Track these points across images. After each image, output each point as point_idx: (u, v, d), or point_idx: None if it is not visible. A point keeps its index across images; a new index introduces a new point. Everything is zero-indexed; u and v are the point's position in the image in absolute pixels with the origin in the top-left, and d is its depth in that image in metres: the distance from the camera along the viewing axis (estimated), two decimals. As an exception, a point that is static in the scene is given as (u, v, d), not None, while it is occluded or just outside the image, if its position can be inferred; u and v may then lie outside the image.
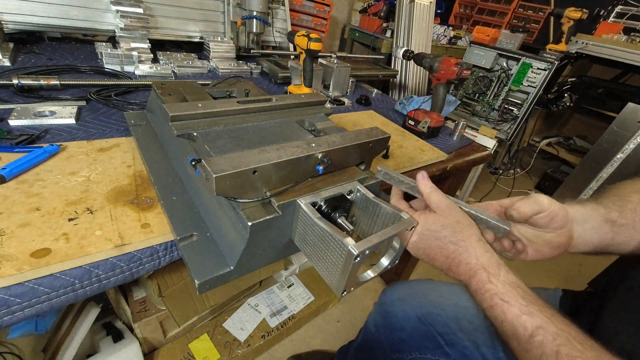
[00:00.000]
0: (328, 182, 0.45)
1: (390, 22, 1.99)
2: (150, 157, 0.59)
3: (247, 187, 0.38)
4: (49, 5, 0.99)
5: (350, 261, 0.34)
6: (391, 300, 0.71)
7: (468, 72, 0.89)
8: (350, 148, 0.47)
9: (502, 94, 1.70)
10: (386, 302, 0.72)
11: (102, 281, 0.41)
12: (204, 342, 1.01)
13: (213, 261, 0.42)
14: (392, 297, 0.72)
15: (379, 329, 0.72)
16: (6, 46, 0.94)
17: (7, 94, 0.74)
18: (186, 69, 1.10)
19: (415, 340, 0.65)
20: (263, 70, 1.27)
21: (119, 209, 0.47)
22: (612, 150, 1.67)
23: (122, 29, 1.01)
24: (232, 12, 1.29)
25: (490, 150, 1.03)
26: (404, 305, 0.68)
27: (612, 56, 1.87)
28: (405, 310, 0.67)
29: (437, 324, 0.63)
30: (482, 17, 2.71)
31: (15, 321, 0.36)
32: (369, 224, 0.46)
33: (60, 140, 0.61)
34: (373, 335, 0.73)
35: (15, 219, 0.42)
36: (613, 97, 2.13)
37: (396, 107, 1.18)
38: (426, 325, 0.64)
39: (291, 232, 0.44)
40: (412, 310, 0.67)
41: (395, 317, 0.68)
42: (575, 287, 0.63)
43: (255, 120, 0.56)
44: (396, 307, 0.69)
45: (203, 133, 0.49)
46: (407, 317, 0.67)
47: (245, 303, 1.14)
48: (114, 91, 0.84)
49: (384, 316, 0.71)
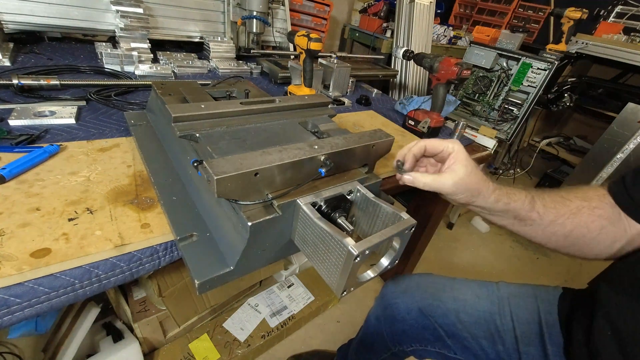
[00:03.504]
0: (328, 182, 0.45)
1: (390, 22, 1.99)
2: (150, 157, 0.59)
3: (248, 189, 0.38)
4: (49, 5, 0.99)
5: (350, 261, 0.34)
6: (393, 292, 0.72)
7: (468, 72, 0.89)
8: (354, 150, 0.47)
9: (502, 94, 1.70)
10: (388, 295, 0.72)
11: (102, 281, 0.41)
12: (204, 342, 1.01)
13: (213, 261, 0.42)
14: (394, 290, 0.72)
15: (380, 321, 0.73)
16: (6, 46, 0.94)
17: (7, 94, 0.74)
18: (186, 69, 1.10)
19: (416, 331, 0.66)
20: (263, 70, 1.27)
21: (119, 209, 0.47)
22: (612, 150, 1.67)
23: (122, 29, 1.01)
24: (232, 12, 1.29)
25: (490, 150, 1.03)
26: (405, 297, 0.69)
27: (612, 56, 1.87)
28: (406, 302, 0.68)
29: (437, 315, 0.64)
30: (482, 17, 2.71)
31: (15, 321, 0.36)
32: (369, 224, 0.46)
33: (60, 140, 0.61)
34: (374, 328, 0.74)
35: (15, 219, 0.42)
36: (613, 97, 2.12)
37: (396, 107, 1.18)
38: (427, 317, 0.64)
39: (291, 232, 0.44)
40: (413, 302, 0.67)
41: (397, 308, 0.69)
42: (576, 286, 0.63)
43: (258, 122, 0.56)
44: (398, 299, 0.69)
45: (205, 134, 0.49)
46: (408, 309, 0.67)
47: (245, 303, 1.14)
48: (114, 91, 0.84)
49: (386, 307, 0.71)
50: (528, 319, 0.59)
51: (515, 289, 0.64)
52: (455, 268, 1.64)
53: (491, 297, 0.64)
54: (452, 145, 0.45)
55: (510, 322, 0.60)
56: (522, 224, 0.49)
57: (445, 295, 0.65)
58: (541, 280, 1.62)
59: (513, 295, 0.63)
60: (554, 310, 0.58)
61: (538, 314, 0.59)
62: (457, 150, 0.45)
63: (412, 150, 0.48)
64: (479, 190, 0.45)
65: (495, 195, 0.46)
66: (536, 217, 0.48)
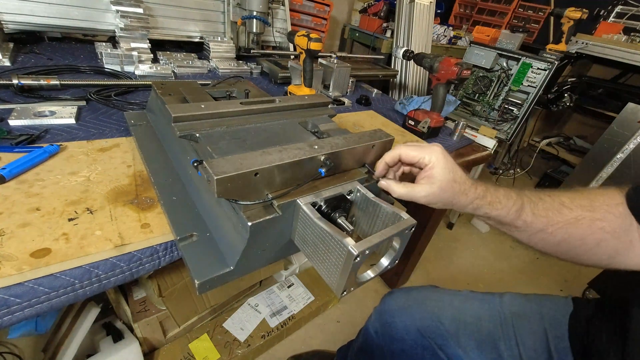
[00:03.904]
0: (328, 182, 0.45)
1: (390, 22, 1.99)
2: (150, 157, 0.59)
3: (248, 189, 0.38)
4: (49, 5, 0.99)
5: (350, 261, 0.34)
6: (390, 310, 0.70)
7: (468, 72, 0.89)
8: (354, 150, 0.47)
9: (502, 94, 1.70)
10: (386, 312, 0.71)
11: (102, 281, 0.41)
12: (204, 342, 1.01)
13: (213, 261, 0.42)
14: (392, 307, 0.70)
15: (379, 336, 0.72)
16: (6, 46, 0.94)
17: (7, 94, 0.74)
18: (186, 69, 1.10)
19: (415, 351, 0.64)
20: (263, 70, 1.27)
21: (119, 209, 0.47)
22: (612, 150, 1.67)
23: (122, 29, 1.01)
24: (232, 12, 1.29)
25: (490, 150, 1.03)
26: (403, 316, 0.68)
27: (612, 56, 1.87)
28: (405, 322, 0.67)
29: (437, 337, 0.62)
30: (482, 17, 2.71)
31: (15, 321, 0.36)
32: (369, 224, 0.46)
33: (60, 140, 0.61)
34: (374, 341, 0.73)
35: (15, 219, 0.42)
36: (613, 97, 2.13)
37: (396, 107, 1.18)
38: (426, 338, 0.63)
39: (291, 232, 0.44)
40: (412, 322, 0.66)
41: (395, 328, 0.67)
42: (575, 287, 0.63)
43: (258, 122, 0.56)
44: (396, 318, 0.68)
45: (205, 134, 0.49)
46: (407, 329, 0.66)
47: (245, 303, 1.14)
48: (114, 91, 0.84)
49: (384, 325, 0.70)
50: (535, 346, 0.57)
51: (519, 306, 0.62)
52: (455, 268, 1.64)
53: (493, 317, 0.62)
54: (428, 157, 0.43)
55: (516, 348, 0.57)
56: (505, 228, 0.48)
57: (445, 315, 0.64)
58: (541, 280, 1.62)
59: (517, 316, 0.61)
60: (564, 334, 0.56)
61: (546, 340, 0.57)
62: (433, 162, 0.43)
63: (385, 158, 0.47)
64: (452, 203, 0.44)
65: (474, 205, 0.45)
66: (521, 224, 0.46)
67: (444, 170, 0.43)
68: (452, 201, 0.44)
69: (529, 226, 0.46)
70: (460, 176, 0.44)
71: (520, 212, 0.45)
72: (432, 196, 0.43)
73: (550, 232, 0.45)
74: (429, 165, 0.43)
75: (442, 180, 0.42)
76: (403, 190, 0.44)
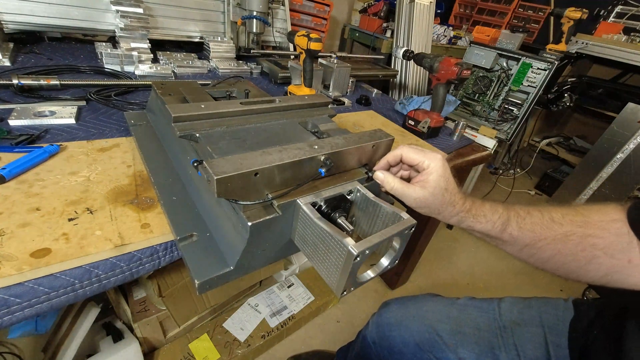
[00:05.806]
0: (328, 182, 0.45)
1: (390, 22, 1.99)
2: (150, 157, 0.59)
3: (248, 189, 0.38)
4: (49, 5, 0.99)
5: (350, 261, 0.34)
6: (388, 323, 0.70)
7: (468, 72, 0.89)
8: (354, 150, 0.47)
9: (502, 94, 1.70)
10: (383, 325, 0.71)
11: (102, 281, 0.41)
12: (204, 342, 1.01)
13: (213, 261, 0.42)
14: (389, 320, 0.70)
15: (377, 347, 0.71)
16: (6, 46, 0.94)
17: (7, 94, 0.74)
18: (186, 69, 1.10)
19: None
20: (263, 70, 1.27)
21: (119, 209, 0.47)
22: (612, 150, 1.67)
23: (122, 29, 1.01)
24: (232, 12, 1.29)
25: (490, 150, 1.03)
26: (401, 330, 0.67)
27: (612, 56, 1.87)
28: (402, 335, 0.66)
29: (436, 350, 0.62)
30: (482, 17, 2.71)
31: (15, 321, 0.36)
32: (369, 224, 0.46)
33: (60, 140, 0.61)
34: (372, 349, 0.73)
35: (15, 219, 0.42)
36: (613, 97, 2.13)
37: (396, 107, 1.18)
38: (425, 352, 0.63)
39: (291, 232, 0.44)
40: (410, 336, 0.66)
41: (393, 341, 0.67)
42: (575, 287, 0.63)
43: (258, 122, 0.56)
44: (394, 331, 0.68)
45: (205, 134, 0.49)
46: (405, 342, 0.66)
47: (245, 303, 1.14)
48: (114, 91, 0.84)
49: (382, 338, 0.70)
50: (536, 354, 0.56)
51: (519, 314, 0.62)
52: (455, 268, 1.64)
53: (492, 326, 0.62)
54: (427, 162, 0.44)
55: (517, 358, 0.57)
56: (494, 241, 0.47)
57: (443, 328, 0.64)
58: (541, 280, 1.62)
59: (516, 324, 0.60)
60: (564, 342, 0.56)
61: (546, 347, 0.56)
62: (431, 168, 0.43)
63: (387, 157, 0.48)
64: (439, 211, 0.44)
65: (459, 217, 0.45)
66: (508, 238, 0.45)
67: (440, 178, 0.43)
68: (439, 209, 0.44)
69: (516, 240, 0.45)
70: (453, 187, 0.44)
71: (506, 225, 0.45)
72: (422, 200, 0.43)
73: (539, 247, 0.44)
74: (427, 170, 0.44)
75: (435, 187, 0.43)
76: (397, 185, 0.44)
